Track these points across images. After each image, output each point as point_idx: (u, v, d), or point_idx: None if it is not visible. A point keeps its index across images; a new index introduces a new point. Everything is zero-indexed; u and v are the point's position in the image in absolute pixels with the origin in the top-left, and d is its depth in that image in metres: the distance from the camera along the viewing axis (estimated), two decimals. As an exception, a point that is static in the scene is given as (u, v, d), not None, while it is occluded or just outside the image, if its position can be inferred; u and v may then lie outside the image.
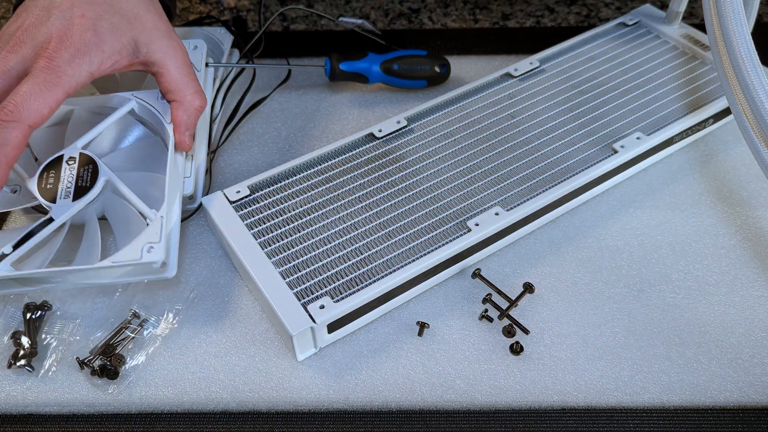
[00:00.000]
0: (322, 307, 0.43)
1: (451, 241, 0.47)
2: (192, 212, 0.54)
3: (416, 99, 0.64)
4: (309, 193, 0.51)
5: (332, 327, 0.45)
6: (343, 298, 0.44)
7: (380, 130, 0.55)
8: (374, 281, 0.45)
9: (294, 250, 0.47)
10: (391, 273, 0.46)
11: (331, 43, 0.71)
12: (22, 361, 0.45)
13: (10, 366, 0.45)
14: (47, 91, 0.41)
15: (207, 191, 0.55)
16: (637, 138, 0.54)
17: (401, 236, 0.48)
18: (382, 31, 0.69)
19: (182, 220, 0.53)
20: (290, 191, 0.51)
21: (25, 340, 0.46)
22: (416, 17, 0.76)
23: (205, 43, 0.57)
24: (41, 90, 0.41)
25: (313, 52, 0.70)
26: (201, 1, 0.78)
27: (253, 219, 0.49)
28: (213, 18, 0.66)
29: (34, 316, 0.47)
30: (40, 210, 0.52)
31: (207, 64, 0.56)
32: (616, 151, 0.53)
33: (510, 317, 0.47)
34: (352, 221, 0.49)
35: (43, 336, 0.47)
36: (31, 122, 0.41)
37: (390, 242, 0.48)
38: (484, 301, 0.48)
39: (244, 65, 0.61)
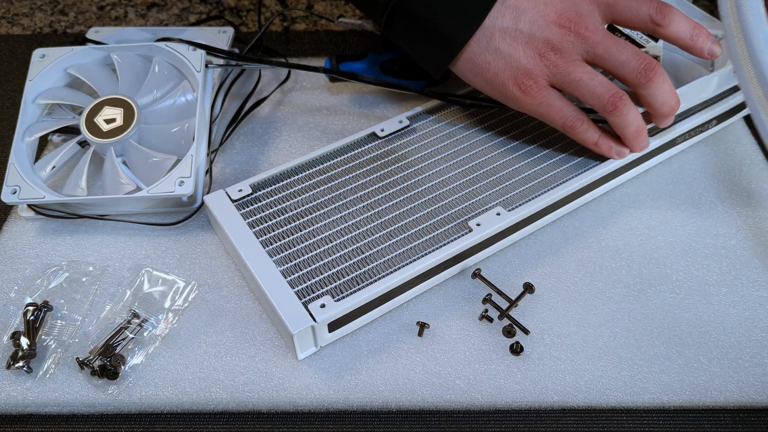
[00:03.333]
0: (323, 306, 0.43)
1: (452, 241, 0.47)
2: (192, 213, 0.54)
3: (416, 99, 0.63)
4: (311, 192, 0.51)
5: (333, 326, 0.45)
6: (343, 297, 0.44)
7: (382, 130, 0.55)
8: (375, 280, 0.45)
9: (295, 249, 0.47)
10: (391, 272, 0.46)
11: (331, 42, 0.71)
12: (20, 363, 0.45)
13: (9, 367, 0.45)
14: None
15: (207, 192, 0.55)
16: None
17: (402, 236, 0.48)
18: (382, 32, 0.68)
19: (182, 221, 0.53)
20: (292, 190, 0.51)
21: (24, 341, 0.46)
22: (416, 18, 0.75)
23: (205, 42, 0.57)
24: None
25: (313, 51, 0.70)
26: (201, 1, 0.78)
27: (254, 218, 0.49)
28: (215, 18, 0.66)
29: (33, 317, 0.47)
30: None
31: (207, 66, 0.56)
32: (616, 152, 0.53)
33: (510, 317, 0.47)
34: (354, 220, 0.49)
35: (43, 337, 0.47)
36: None
37: (391, 242, 0.48)
38: (484, 301, 0.48)
39: (243, 66, 0.61)
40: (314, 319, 0.43)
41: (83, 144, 0.55)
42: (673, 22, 0.48)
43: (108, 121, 0.53)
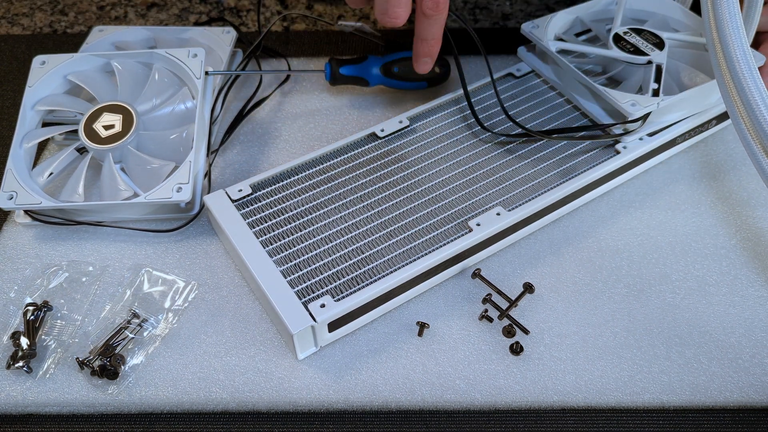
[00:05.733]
0: (322, 305, 0.43)
1: (452, 240, 0.47)
2: (190, 219, 0.53)
3: (416, 100, 0.64)
4: (311, 192, 0.51)
5: (333, 326, 0.45)
6: (343, 297, 0.44)
7: (382, 130, 0.55)
8: (375, 280, 0.45)
9: (295, 248, 0.47)
10: (391, 272, 0.46)
11: (331, 42, 0.71)
12: (20, 363, 0.45)
13: (9, 367, 0.45)
14: None
15: (206, 194, 0.55)
16: (640, 139, 0.54)
17: (402, 236, 0.48)
18: (381, 32, 0.68)
19: (182, 227, 0.53)
20: (292, 190, 0.51)
21: (24, 341, 0.46)
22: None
23: (207, 45, 0.57)
24: None
25: (313, 52, 0.70)
26: (201, 1, 0.78)
27: (254, 218, 0.49)
28: (215, 19, 0.66)
29: (33, 317, 0.47)
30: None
31: (207, 73, 0.56)
32: (618, 152, 0.53)
33: (510, 317, 0.47)
34: (354, 220, 0.49)
35: (43, 337, 0.47)
36: None
37: (391, 242, 0.48)
38: (484, 301, 0.48)
39: (243, 72, 0.61)
40: (314, 319, 0.43)
41: (81, 150, 0.55)
42: None
43: (107, 128, 0.53)
